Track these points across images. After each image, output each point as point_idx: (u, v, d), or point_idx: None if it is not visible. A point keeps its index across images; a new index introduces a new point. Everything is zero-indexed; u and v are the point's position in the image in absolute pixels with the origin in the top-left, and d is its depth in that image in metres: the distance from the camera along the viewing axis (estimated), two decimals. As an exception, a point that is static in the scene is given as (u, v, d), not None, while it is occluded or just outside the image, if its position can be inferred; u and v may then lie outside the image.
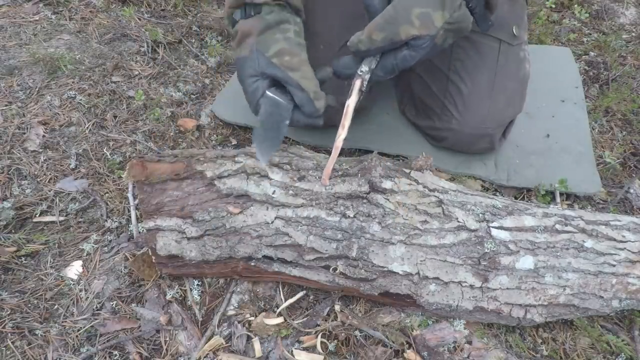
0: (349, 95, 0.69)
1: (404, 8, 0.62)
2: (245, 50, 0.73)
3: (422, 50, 0.64)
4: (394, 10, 0.63)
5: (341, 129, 0.70)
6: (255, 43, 0.72)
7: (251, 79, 0.73)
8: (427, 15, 0.62)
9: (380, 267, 0.69)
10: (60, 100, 1.11)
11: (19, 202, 0.90)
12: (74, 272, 0.81)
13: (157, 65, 1.25)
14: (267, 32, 0.73)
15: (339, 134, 0.70)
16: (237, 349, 0.73)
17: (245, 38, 0.73)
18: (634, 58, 1.34)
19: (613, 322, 0.78)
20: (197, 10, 1.48)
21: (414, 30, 0.62)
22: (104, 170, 0.98)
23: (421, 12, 0.62)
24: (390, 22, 0.63)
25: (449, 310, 0.72)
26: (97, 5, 1.43)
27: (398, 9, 0.63)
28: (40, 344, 0.73)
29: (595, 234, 0.72)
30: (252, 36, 0.72)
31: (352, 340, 0.74)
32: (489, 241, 0.70)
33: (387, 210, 0.70)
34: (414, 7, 0.62)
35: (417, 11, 0.62)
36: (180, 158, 0.74)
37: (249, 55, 0.72)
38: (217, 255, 0.73)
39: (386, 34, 0.63)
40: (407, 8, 0.62)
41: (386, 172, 0.73)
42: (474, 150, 0.99)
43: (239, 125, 1.09)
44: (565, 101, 1.15)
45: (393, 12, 0.63)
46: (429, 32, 0.62)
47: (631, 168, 1.05)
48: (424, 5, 0.62)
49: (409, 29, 0.62)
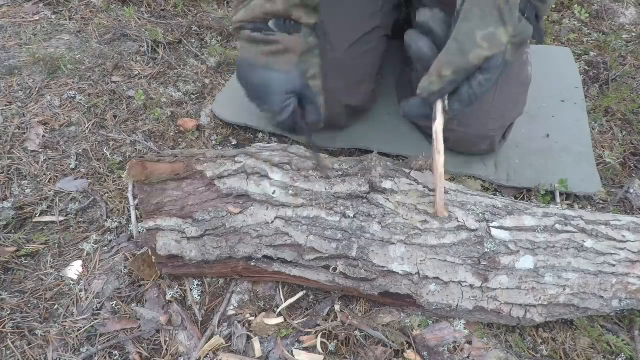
0: (433, 119, 0.67)
1: (466, 35, 0.61)
2: (285, 65, 0.72)
3: (496, 71, 0.63)
4: (455, 42, 0.62)
5: (437, 155, 0.68)
6: (297, 63, 0.72)
7: (285, 96, 0.73)
8: (492, 35, 0.61)
9: (380, 267, 0.69)
10: (60, 100, 1.11)
11: (19, 202, 0.90)
12: (74, 272, 0.81)
13: (157, 65, 1.25)
14: (308, 54, 0.73)
15: (437, 160, 0.68)
16: (237, 349, 0.73)
17: (286, 53, 0.72)
18: (634, 58, 1.34)
19: (613, 322, 0.78)
20: (197, 10, 1.48)
21: (485, 51, 0.61)
22: (104, 170, 0.98)
23: (485, 34, 0.61)
24: (457, 54, 0.62)
25: (449, 310, 0.72)
26: (97, 5, 1.43)
27: (460, 39, 0.62)
28: (40, 344, 0.73)
29: (595, 234, 0.72)
30: (295, 55, 0.72)
31: (352, 340, 0.74)
32: (489, 241, 0.70)
33: (387, 210, 0.70)
34: (476, 31, 0.61)
35: (481, 34, 0.61)
36: (180, 158, 0.74)
37: (288, 71, 0.72)
38: (217, 255, 0.73)
39: (456, 66, 0.62)
40: (469, 35, 0.61)
41: (386, 172, 0.73)
42: (475, 151, 0.99)
43: (239, 125, 1.09)
44: (565, 101, 1.15)
45: (456, 44, 0.62)
46: (499, 50, 0.62)
47: (631, 168, 1.05)
48: (485, 27, 0.61)
49: (479, 52, 0.61)
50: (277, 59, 0.72)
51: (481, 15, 0.61)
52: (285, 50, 0.71)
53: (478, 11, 0.61)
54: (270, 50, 0.71)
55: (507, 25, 0.61)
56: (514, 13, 0.61)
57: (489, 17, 0.61)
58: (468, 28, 0.61)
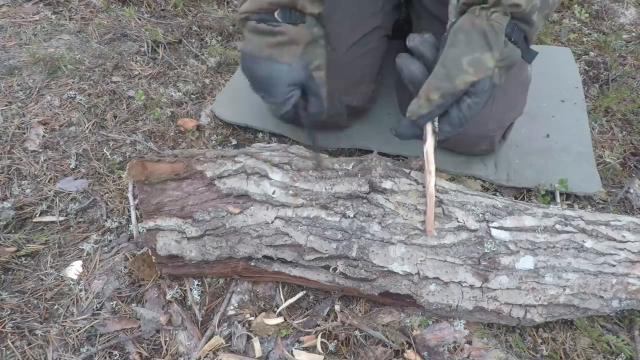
0: (424, 140, 0.69)
1: (453, 61, 0.62)
2: (289, 57, 0.72)
3: (484, 94, 0.64)
4: (442, 67, 0.63)
5: (428, 175, 0.69)
6: (301, 54, 0.72)
7: (288, 88, 0.73)
8: (478, 60, 0.62)
9: (380, 267, 0.69)
10: (60, 100, 1.11)
11: (19, 202, 0.90)
12: (74, 272, 0.81)
13: (157, 65, 1.25)
14: (312, 45, 0.73)
15: (429, 181, 0.69)
16: (237, 349, 0.73)
17: (290, 44, 0.72)
18: (634, 58, 1.34)
19: (613, 322, 0.78)
20: (197, 10, 1.48)
21: (470, 77, 0.62)
22: (104, 170, 0.98)
23: (471, 59, 0.62)
24: (443, 79, 0.63)
25: (449, 310, 0.72)
26: (97, 5, 1.43)
27: (446, 64, 0.63)
28: (40, 344, 0.73)
29: (595, 234, 0.72)
30: (299, 46, 0.72)
31: (352, 340, 0.74)
32: (489, 241, 0.70)
33: (387, 210, 0.70)
34: (462, 57, 0.62)
35: (467, 59, 0.62)
36: (180, 158, 0.74)
37: (290, 63, 0.72)
38: (217, 255, 0.73)
39: (444, 90, 0.63)
40: (455, 60, 0.62)
41: (386, 172, 0.73)
42: (474, 151, 0.99)
43: (239, 125, 1.09)
44: (565, 101, 1.15)
45: (443, 70, 0.63)
46: (485, 74, 0.62)
47: (631, 168, 1.05)
48: (471, 52, 0.62)
49: (465, 77, 0.62)
50: (281, 51, 0.72)
51: (466, 40, 0.62)
52: (289, 42, 0.71)
53: (463, 37, 0.62)
54: (275, 41, 0.71)
55: (493, 50, 0.62)
56: (499, 38, 0.62)
57: (474, 42, 0.62)
58: (454, 53, 0.63)
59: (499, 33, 0.62)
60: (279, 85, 0.73)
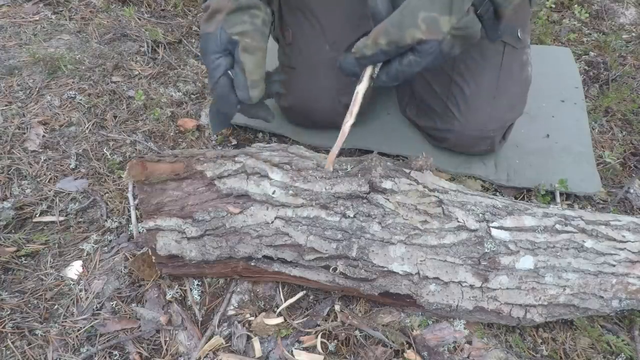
0: (359, 82, 0.68)
1: (410, 12, 0.61)
2: (212, 26, 0.74)
3: (428, 57, 0.63)
4: (399, 14, 0.62)
5: (349, 116, 0.69)
6: (223, 21, 0.73)
7: (214, 56, 0.74)
8: (434, 20, 0.61)
9: (380, 267, 0.69)
10: (60, 100, 1.11)
11: (19, 202, 0.90)
12: (74, 272, 0.81)
13: (157, 65, 1.25)
14: (237, 12, 0.74)
15: (346, 120, 0.70)
16: (237, 349, 0.73)
17: (214, 14, 0.74)
18: (634, 58, 1.34)
19: (613, 322, 0.78)
20: (197, 10, 1.48)
21: (420, 34, 0.61)
22: (104, 170, 0.98)
23: (427, 16, 0.61)
24: (395, 26, 0.62)
25: (449, 310, 0.72)
26: (97, 5, 1.43)
27: (404, 13, 0.62)
28: (40, 344, 0.73)
29: (595, 234, 0.72)
30: (222, 14, 0.73)
31: (352, 340, 0.74)
32: (489, 241, 0.70)
33: (387, 210, 0.70)
34: (420, 11, 0.61)
35: (423, 15, 0.61)
36: (180, 158, 0.74)
37: (214, 31, 0.73)
38: (217, 255, 0.73)
39: (391, 38, 0.62)
40: (413, 12, 0.61)
41: (386, 172, 0.73)
42: (474, 151, 0.99)
43: (239, 125, 1.09)
44: (565, 101, 1.15)
45: (399, 16, 0.62)
46: (435, 37, 0.61)
47: (631, 168, 1.05)
48: (430, 9, 0.61)
49: (414, 32, 0.61)
50: (207, 24, 0.74)
51: None
52: (213, 12, 0.74)
53: None
54: (206, 16, 0.75)
55: (452, 15, 0.60)
56: (464, 4, 0.60)
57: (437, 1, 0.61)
58: (415, 4, 0.61)
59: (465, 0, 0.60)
60: (206, 57, 0.75)
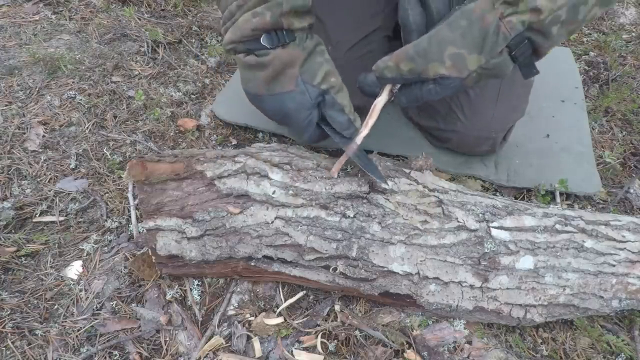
0: (379, 94, 0.67)
1: (438, 43, 0.58)
2: (289, 84, 0.66)
3: (449, 90, 0.61)
4: (427, 43, 0.59)
5: (364, 128, 0.68)
6: (300, 74, 0.66)
7: (305, 113, 0.68)
8: (461, 57, 0.57)
9: (380, 267, 0.69)
10: (60, 100, 1.11)
11: (19, 202, 0.90)
12: (74, 272, 0.81)
13: (157, 65, 1.25)
14: (310, 59, 0.68)
15: (361, 132, 0.69)
16: (237, 349, 0.73)
17: (285, 69, 0.66)
18: (634, 58, 1.34)
19: (613, 322, 0.78)
20: (197, 10, 1.48)
21: (444, 70, 0.59)
22: (104, 170, 0.98)
23: (455, 53, 0.57)
24: (421, 56, 0.59)
25: (449, 310, 0.72)
26: (97, 5, 1.43)
27: (432, 42, 0.58)
28: (40, 344, 0.73)
29: (595, 234, 0.72)
30: (295, 67, 0.66)
31: (352, 340, 0.74)
32: (489, 241, 0.70)
33: (387, 210, 0.70)
34: (449, 45, 0.57)
35: (452, 50, 0.57)
36: (180, 158, 0.74)
37: (294, 89, 0.67)
38: (217, 255, 0.73)
39: (414, 67, 0.60)
40: (441, 44, 0.58)
41: (386, 172, 0.73)
42: (476, 152, 0.99)
43: (239, 125, 1.09)
44: (565, 101, 1.15)
45: (426, 45, 0.59)
46: (459, 75, 0.59)
47: (631, 168, 1.05)
48: (460, 45, 0.57)
49: (438, 67, 0.58)
50: (279, 82, 0.67)
51: (464, 30, 0.57)
52: (283, 67, 0.66)
53: (464, 24, 0.57)
54: (269, 74, 0.66)
55: (482, 54, 0.57)
56: (496, 46, 0.56)
57: (469, 37, 0.57)
58: (445, 36, 0.58)
59: (500, 41, 0.56)
60: (292, 117, 0.69)
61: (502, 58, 0.58)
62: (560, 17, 0.54)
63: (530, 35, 0.56)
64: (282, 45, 0.65)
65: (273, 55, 0.65)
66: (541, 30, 0.56)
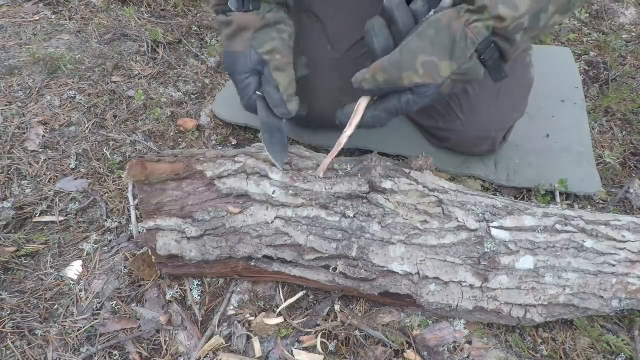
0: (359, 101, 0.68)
1: (410, 53, 0.59)
2: (240, 45, 0.74)
3: (426, 99, 0.62)
4: (400, 54, 0.60)
5: (349, 127, 0.69)
6: (251, 39, 0.73)
7: (243, 75, 0.75)
8: (433, 65, 0.59)
9: (380, 267, 0.69)
10: (60, 100, 1.11)
11: (19, 202, 0.90)
12: (74, 272, 0.81)
13: (157, 65, 1.25)
14: (265, 29, 0.74)
15: (345, 131, 0.69)
16: (237, 349, 0.73)
17: (240, 32, 0.74)
18: (634, 58, 1.34)
19: (613, 322, 0.78)
20: (197, 10, 1.48)
21: (417, 78, 0.60)
22: (104, 170, 0.98)
23: (426, 61, 0.59)
24: (394, 66, 0.60)
25: (449, 310, 0.72)
26: (97, 5, 1.43)
27: (404, 53, 0.60)
28: (40, 344, 0.73)
29: (595, 234, 0.72)
30: (249, 32, 0.73)
31: (352, 340, 0.74)
32: (489, 241, 0.70)
33: (387, 210, 0.70)
34: (420, 54, 0.59)
35: (423, 59, 0.59)
36: (180, 158, 0.74)
37: (242, 50, 0.74)
38: (217, 255, 0.73)
39: (389, 77, 0.61)
40: (413, 54, 0.59)
41: (386, 172, 0.73)
42: (476, 151, 0.99)
43: (239, 125, 1.09)
44: (565, 101, 1.15)
45: (399, 57, 0.60)
46: (433, 81, 0.60)
47: (631, 168, 1.05)
48: (430, 53, 0.58)
49: (412, 76, 0.60)
50: (234, 41, 0.74)
51: (433, 39, 0.58)
52: (239, 29, 0.73)
53: (432, 33, 0.58)
54: (228, 32, 0.74)
55: (452, 60, 0.59)
56: (466, 51, 0.58)
57: (438, 45, 0.58)
58: (416, 46, 0.59)
59: (469, 47, 0.58)
60: (235, 77, 0.75)
61: (473, 63, 0.60)
62: (523, 24, 0.56)
63: (496, 40, 0.59)
64: (245, 10, 0.74)
65: (233, 17, 0.74)
66: (506, 36, 0.58)
